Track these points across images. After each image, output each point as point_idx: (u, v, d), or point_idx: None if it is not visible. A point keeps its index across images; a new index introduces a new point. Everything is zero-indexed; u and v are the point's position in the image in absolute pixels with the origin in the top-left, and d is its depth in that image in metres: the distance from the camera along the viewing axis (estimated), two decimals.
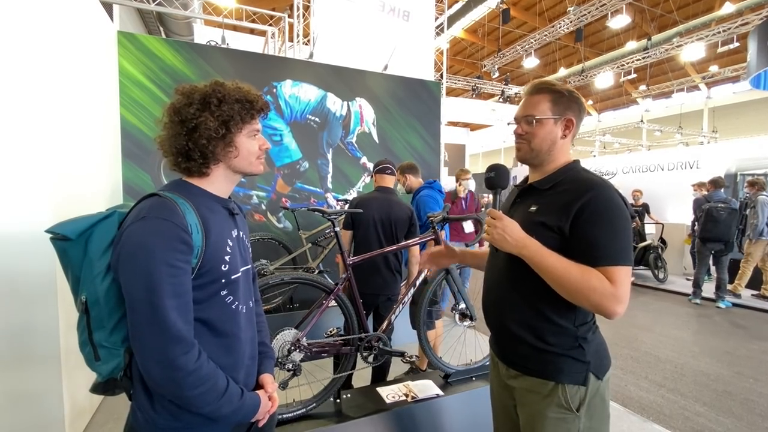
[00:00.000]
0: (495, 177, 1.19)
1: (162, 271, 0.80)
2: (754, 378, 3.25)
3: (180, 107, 0.89)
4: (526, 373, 1.10)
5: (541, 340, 1.06)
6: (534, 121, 1.09)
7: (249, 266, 1.05)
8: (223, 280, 0.92)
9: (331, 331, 2.00)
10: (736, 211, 5.13)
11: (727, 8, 10.84)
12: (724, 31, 11.64)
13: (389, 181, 2.63)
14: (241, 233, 1.02)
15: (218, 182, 0.97)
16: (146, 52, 3.25)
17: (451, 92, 17.59)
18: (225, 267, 0.92)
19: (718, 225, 5.14)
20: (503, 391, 1.21)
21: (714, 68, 16.08)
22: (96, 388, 0.94)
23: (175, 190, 0.90)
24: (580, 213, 0.98)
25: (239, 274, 0.97)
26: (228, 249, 0.94)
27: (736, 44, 11.99)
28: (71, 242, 0.86)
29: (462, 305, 2.25)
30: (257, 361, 1.06)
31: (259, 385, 1.05)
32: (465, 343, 3.23)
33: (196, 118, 0.88)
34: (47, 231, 0.88)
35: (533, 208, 1.08)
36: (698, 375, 3.31)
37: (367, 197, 2.58)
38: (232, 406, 0.89)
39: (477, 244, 3.02)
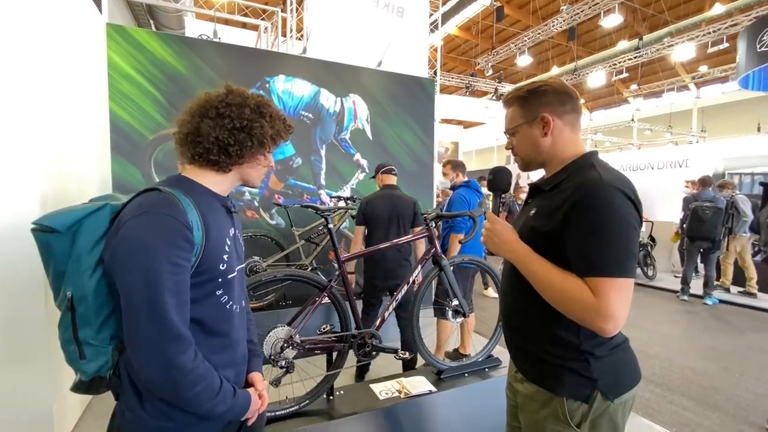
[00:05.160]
0: (494, 180, 1.19)
1: (163, 268, 0.78)
2: (740, 373, 3.32)
3: (233, 104, 0.91)
4: (529, 379, 1.08)
5: (540, 348, 1.03)
6: (511, 134, 1.09)
7: (243, 265, 1.05)
8: (220, 279, 0.91)
9: (324, 328, 1.99)
10: (721, 210, 5.22)
11: (717, 9, 10.98)
12: (714, 31, 11.79)
13: (393, 179, 3.01)
14: (237, 232, 1.02)
15: (225, 183, 0.98)
16: (136, 45, 3.19)
17: (444, 89, 17.58)
18: (222, 266, 0.91)
19: (704, 224, 5.24)
20: (510, 392, 1.21)
21: (703, 68, 16.30)
22: (78, 387, 0.91)
23: (176, 186, 0.88)
24: (568, 216, 0.92)
25: (235, 273, 0.96)
26: (226, 248, 0.93)
27: (726, 45, 12.15)
28: (57, 235, 0.83)
29: (455, 302, 2.26)
30: (247, 360, 1.06)
31: (248, 384, 1.04)
32: (458, 339, 3.24)
33: (251, 121, 0.91)
34: (33, 223, 0.84)
35: (532, 212, 1.05)
36: (686, 370, 3.37)
37: (375, 196, 2.93)
38: (226, 405, 0.88)
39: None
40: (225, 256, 0.91)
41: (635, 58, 13.71)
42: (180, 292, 0.81)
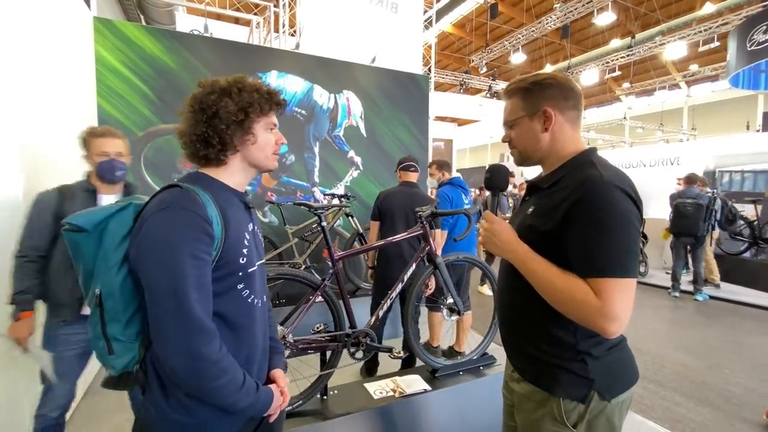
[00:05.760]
0: (491, 178, 1.16)
1: (186, 261, 0.80)
2: (730, 369, 3.35)
3: (201, 96, 0.91)
4: (525, 379, 1.06)
5: (536, 347, 1.01)
6: (509, 126, 1.05)
7: (263, 260, 1.06)
8: (241, 273, 0.92)
9: (317, 328, 1.97)
10: (702, 207, 5.27)
11: (708, 8, 11.09)
12: (705, 30, 11.91)
13: (413, 177, 2.92)
14: (255, 227, 1.03)
15: (235, 174, 0.97)
16: (124, 39, 3.12)
17: (438, 87, 17.57)
18: (243, 260, 0.92)
19: (685, 220, 5.34)
20: (507, 391, 1.19)
21: (694, 67, 16.46)
22: (108, 383, 0.93)
23: (195, 182, 0.91)
24: (567, 215, 0.90)
25: (255, 267, 0.97)
26: (245, 242, 0.94)
27: (717, 44, 12.28)
28: (85, 234, 0.86)
29: (450, 300, 2.25)
30: (268, 356, 1.07)
31: (270, 380, 1.05)
32: (453, 337, 3.23)
33: (217, 104, 0.90)
34: (64, 222, 0.87)
35: (530, 210, 1.03)
36: (677, 366, 3.40)
37: (393, 191, 2.87)
38: (249, 399, 0.89)
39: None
40: (245, 250, 0.93)
41: (627, 56, 13.82)
42: (203, 286, 0.83)
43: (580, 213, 0.89)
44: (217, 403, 0.86)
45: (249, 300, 0.95)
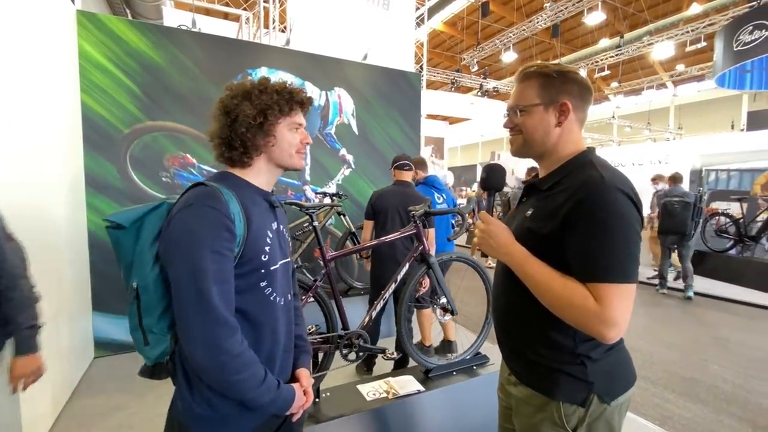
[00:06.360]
0: (488, 178, 1.13)
1: (207, 256, 0.83)
2: (719, 365, 3.41)
3: (226, 100, 0.94)
4: (523, 382, 1.04)
5: (534, 351, 0.99)
6: (519, 111, 0.98)
7: (288, 260, 1.07)
8: (263, 271, 0.94)
9: (309, 329, 1.93)
10: (690, 204, 5.36)
11: (695, 9, 11.26)
12: (692, 30, 12.09)
13: (407, 176, 2.89)
14: (281, 226, 1.05)
15: (261, 175, 0.99)
16: (109, 33, 3.03)
17: (430, 85, 17.55)
18: (265, 257, 0.94)
19: (673, 218, 5.42)
20: (503, 395, 1.17)
21: (681, 67, 16.73)
22: (143, 372, 0.97)
23: (220, 181, 0.94)
24: (568, 217, 0.87)
25: (278, 265, 0.99)
26: (268, 240, 0.96)
27: (703, 44, 12.49)
28: (124, 231, 0.91)
29: (443, 299, 2.23)
30: (293, 355, 1.07)
31: (294, 379, 1.05)
32: (441, 333, 3.21)
33: (237, 108, 0.92)
34: (105, 219, 0.92)
35: (529, 212, 1.00)
36: (667, 363, 3.44)
37: (387, 190, 2.85)
38: (270, 396, 0.90)
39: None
40: (267, 248, 0.95)
41: (616, 56, 13.99)
42: (224, 281, 0.85)
43: (580, 215, 0.87)
44: (238, 398, 0.87)
45: (271, 298, 0.97)
